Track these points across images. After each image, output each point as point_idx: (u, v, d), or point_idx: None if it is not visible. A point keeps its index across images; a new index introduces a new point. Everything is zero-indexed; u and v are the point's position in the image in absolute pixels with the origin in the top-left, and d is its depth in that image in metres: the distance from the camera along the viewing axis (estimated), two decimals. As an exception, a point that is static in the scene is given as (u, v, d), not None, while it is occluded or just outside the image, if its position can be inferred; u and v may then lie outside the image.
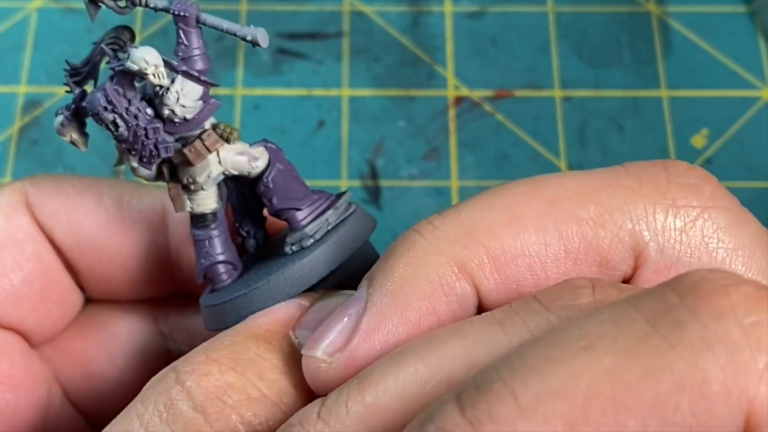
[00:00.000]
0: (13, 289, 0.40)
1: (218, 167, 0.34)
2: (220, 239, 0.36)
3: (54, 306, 0.42)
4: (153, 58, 0.32)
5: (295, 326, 0.32)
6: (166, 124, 0.33)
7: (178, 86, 0.32)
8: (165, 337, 0.45)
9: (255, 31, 0.32)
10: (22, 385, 0.40)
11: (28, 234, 0.41)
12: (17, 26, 0.65)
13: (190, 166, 0.34)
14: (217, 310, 0.35)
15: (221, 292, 0.36)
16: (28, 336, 0.42)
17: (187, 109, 0.33)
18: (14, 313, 0.40)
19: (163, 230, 0.42)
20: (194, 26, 0.33)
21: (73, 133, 0.36)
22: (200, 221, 0.36)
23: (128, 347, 0.44)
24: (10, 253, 0.40)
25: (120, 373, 0.44)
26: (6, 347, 0.40)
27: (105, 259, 0.41)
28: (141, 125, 0.33)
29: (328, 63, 0.64)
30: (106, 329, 0.44)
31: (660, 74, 0.63)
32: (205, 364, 0.30)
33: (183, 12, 0.32)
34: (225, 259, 0.36)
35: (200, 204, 0.36)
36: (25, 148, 0.61)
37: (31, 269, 0.41)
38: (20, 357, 0.41)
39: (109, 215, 0.41)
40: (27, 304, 0.41)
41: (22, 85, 0.63)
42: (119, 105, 0.33)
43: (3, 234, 0.40)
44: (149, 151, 0.34)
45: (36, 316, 0.41)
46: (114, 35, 0.35)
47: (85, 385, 0.44)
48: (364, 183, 0.60)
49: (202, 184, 0.35)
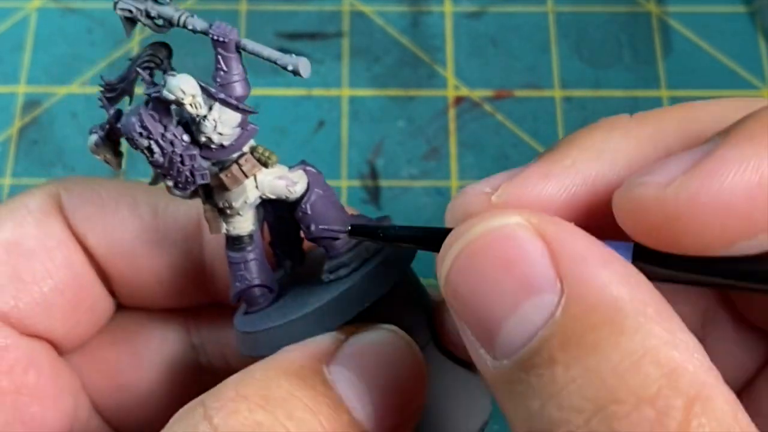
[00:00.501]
0: (43, 298, 0.39)
1: (255, 192, 0.33)
2: (256, 262, 0.35)
3: (84, 314, 0.41)
4: (190, 88, 0.30)
5: (329, 361, 0.31)
6: (203, 149, 0.32)
7: (216, 114, 0.31)
8: (196, 350, 0.44)
9: (296, 61, 0.31)
10: (49, 397, 0.40)
11: (59, 240, 0.40)
12: (17, 26, 0.65)
13: (227, 191, 0.33)
14: (251, 338, 0.34)
15: (256, 318, 0.35)
16: (57, 344, 0.41)
17: (225, 137, 0.32)
18: (44, 321, 0.40)
19: (198, 240, 0.41)
20: (234, 52, 0.31)
21: (107, 153, 0.34)
22: (236, 243, 0.35)
23: (159, 359, 0.43)
24: (40, 261, 0.39)
25: (149, 385, 0.43)
26: (34, 357, 0.40)
27: (138, 267, 0.41)
28: (177, 152, 0.32)
29: (328, 63, 0.64)
30: (137, 339, 0.43)
31: (660, 74, 0.63)
32: (235, 401, 0.29)
33: (222, 37, 0.31)
34: (260, 282, 0.35)
35: (236, 227, 0.34)
36: (25, 148, 0.61)
37: (62, 277, 0.40)
38: (48, 367, 0.40)
39: (144, 223, 0.40)
40: (57, 313, 0.40)
41: (22, 85, 0.63)
42: (154, 131, 0.32)
43: (33, 241, 0.39)
44: (185, 177, 0.33)
45: (66, 325, 0.40)
46: (151, 52, 0.33)
47: (114, 396, 0.43)
48: (364, 183, 0.60)
49: (238, 210, 0.34)
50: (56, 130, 0.62)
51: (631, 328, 0.24)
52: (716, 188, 0.26)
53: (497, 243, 0.26)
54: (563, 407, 0.24)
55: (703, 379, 0.24)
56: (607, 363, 0.24)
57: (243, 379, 0.31)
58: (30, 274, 0.39)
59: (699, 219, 0.26)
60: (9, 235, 0.39)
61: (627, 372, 0.24)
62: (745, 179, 0.26)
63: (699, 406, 0.23)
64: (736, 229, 0.26)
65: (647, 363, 0.24)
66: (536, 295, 0.25)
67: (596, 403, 0.24)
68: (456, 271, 0.27)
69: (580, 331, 0.24)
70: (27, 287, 0.39)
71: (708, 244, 0.26)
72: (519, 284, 0.26)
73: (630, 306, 0.25)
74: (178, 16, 0.32)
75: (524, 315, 0.25)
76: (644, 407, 0.23)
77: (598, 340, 0.24)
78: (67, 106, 0.62)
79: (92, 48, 0.64)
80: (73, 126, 0.62)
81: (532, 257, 0.26)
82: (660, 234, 0.26)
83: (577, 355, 0.24)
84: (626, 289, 0.25)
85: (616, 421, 0.23)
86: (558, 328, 0.25)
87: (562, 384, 0.24)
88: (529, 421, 0.25)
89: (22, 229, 0.39)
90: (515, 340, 0.25)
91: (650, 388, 0.23)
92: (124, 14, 0.32)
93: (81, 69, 0.63)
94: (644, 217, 0.26)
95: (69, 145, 0.61)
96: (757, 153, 0.26)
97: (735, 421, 0.24)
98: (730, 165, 0.26)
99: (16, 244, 0.39)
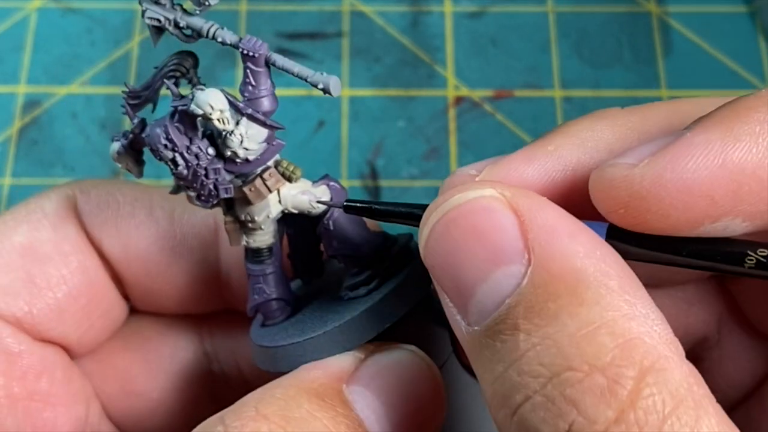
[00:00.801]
0: (57, 304, 0.39)
1: (278, 206, 0.33)
2: (275, 275, 0.35)
3: (98, 319, 0.41)
4: (219, 103, 0.30)
5: (349, 381, 0.31)
6: (227, 162, 0.32)
7: (243, 129, 0.31)
8: (209, 358, 0.44)
9: (327, 79, 0.30)
10: (61, 403, 0.40)
11: (74, 245, 0.40)
12: (17, 26, 0.65)
13: (249, 204, 0.33)
14: (270, 352, 0.34)
15: (274, 332, 0.35)
16: (70, 349, 0.41)
17: (251, 152, 0.32)
18: (57, 327, 0.39)
19: (214, 247, 0.40)
20: (263, 66, 0.31)
21: (129, 161, 0.34)
22: (256, 256, 0.35)
23: (170, 367, 0.43)
24: (55, 266, 0.39)
25: (161, 393, 0.43)
26: (47, 363, 0.40)
27: (153, 273, 0.40)
28: (202, 165, 0.32)
29: (328, 63, 0.64)
30: (150, 345, 0.43)
31: (660, 74, 0.63)
32: (255, 420, 0.29)
33: (253, 52, 0.31)
34: (278, 296, 0.35)
35: (257, 240, 0.34)
36: (25, 148, 0.61)
37: (76, 283, 0.40)
38: (61, 373, 0.40)
39: (159, 229, 0.40)
40: (70, 318, 0.40)
41: (22, 85, 0.63)
42: (180, 143, 0.31)
43: (49, 245, 0.39)
44: (208, 191, 0.32)
45: (79, 330, 0.40)
46: (177, 61, 0.32)
47: (125, 403, 0.43)
48: (364, 183, 0.60)
49: (260, 224, 0.33)
50: (56, 130, 0.62)
51: (591, 299, 0.25)
52: (680, 170, 0.26)
53: (471, 213, 0.27)
54: (523, 372, 0.25)
55: (661, 351, 0.25)
56: (565, 331, 0.25)
57: (263, 398, 0.30)
58: (44, 279, 0.39)
59: (664, 199, 0.27)
60: (24, 239, 0.39)
61: (583, 340, 0.25)
62: (708, 162, 0.26)
63: (652, 377, 0.24)
64: (701, 211, 0.27)
65: (603, 333, 0.25)
66: (506, 265, 0.26)
67: (552, 369, 0.25)
68: (433, 239, 0.28)
69: (543, 300, 0.25)
70: (41, 293, 0.39)
71: (674, 224, 0.27)
72: (490, 253, 0.27)
73: (592, 278, 0.25)
74: (208, 28, 0.31)
75: (494, 283, 0.26)
76: (596, 375, 0.24)
77: (559, 309, 0.25)
78: (67, 106, 0.62)
79: (92, 48, 0.64)
80: (73, 126, 0.62)
81: (502, 228, 0.27)
82: (628, 213, 0.27)
83: (539, 323, 0.25)
84: (591, 261, 0.26)
85: (569, 387, 0.24)
86: (523, 296, 0.26)
87: (523, 350, 0.25)
88: (494, 384, 0.26)
89: (37, 233, 0.39)
90: (486, 307, 0.27)
91: (604, 357, 0.24)
92: (153, 23, 0.31)
93: (81, 69, 0.63)
94: (614, 196, 0.27)
95: (69, 145, 0.61)
96: (722, 138, 0.26)
97: (689, 393, 0.24)
98: (694, 149, 0.26)
99: (32, 248, 0.39)
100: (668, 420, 0.24)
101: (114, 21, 0.65)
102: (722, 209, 0.27)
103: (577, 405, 0.24)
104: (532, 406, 0.25)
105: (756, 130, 0.26)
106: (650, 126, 0.31)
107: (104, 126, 0.61)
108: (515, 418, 0.25)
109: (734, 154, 0.26)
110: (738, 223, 0.27)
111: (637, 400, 0.24)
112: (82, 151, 0.61)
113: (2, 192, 0.60)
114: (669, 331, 0.26)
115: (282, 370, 0.32)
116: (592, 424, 0.24)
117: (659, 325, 0.26)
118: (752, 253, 0.27)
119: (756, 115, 0.27)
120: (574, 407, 0.24)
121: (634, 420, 0.24)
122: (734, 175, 0.26)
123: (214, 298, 0.42)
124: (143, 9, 0.31)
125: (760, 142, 0.26)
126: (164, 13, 0.31)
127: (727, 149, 0.26)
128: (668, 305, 0.37)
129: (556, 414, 0.24)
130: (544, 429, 0.25)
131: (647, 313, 0.26)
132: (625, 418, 0.24)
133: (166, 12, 0.31)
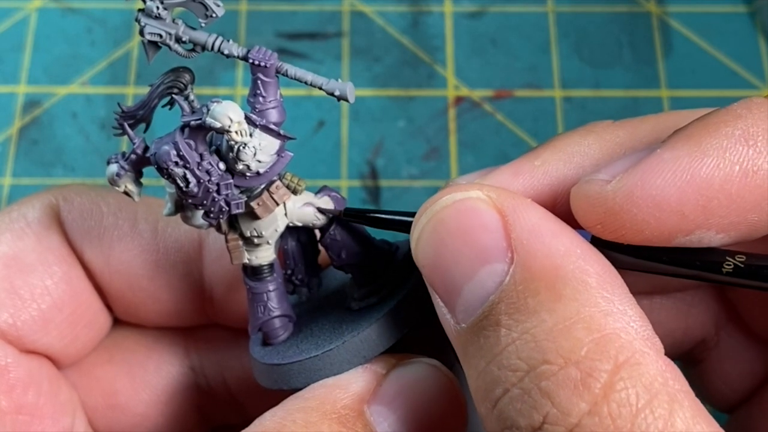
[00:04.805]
0: (42, 315, 0.39)
1: (285, 220, 0.33)
2: (277, 292, 0.34)
3: (83, 330, 0.41)
4: (237, 115, 0.29)
5: (370, 401, 0.31)
6: (236, 177, 0.31)
7: (257, 141, 0.30)
8: (195, 372, 0.43)
9: (343, 86, 0.30)
10: (48, 416, 0.39)
11: (58, 255, 0.39)
12: (17, 26, 0.65)
13: (255, 219, 0.32)
14: (282, 370, 0.33)
15: (283, 349, 0.34)
16: (55, 360, 0.41)
17: (262, 164, 0.31)
18: (42, 338, 0.39)
19: (198, 262, 0.40)
20: (273, 77, 0.30)
21: (128, 183, 0.32)
22: (257, 273, 0.34)
23: (155, 381, 0.43)
24: (39, 277, 0.39)
25: (145, 408, 0.42)
26: (34, 375, 0.39)
27: (135, 286, 0.40)
28: (213, 180, 0.31)
29: (328, 63, 0.64)
30: (134, 358, 0.43)
31: (660, 74, 0.63)
32: None
33: (263, 62, 0.30)
34: (281, 312, 0.34)
35: (259, 256, 0.34)
36: (25, 148, 0.61)
37: (60, 294, 0.39)
38: (48, 385, 0.40)
39: (143, 242, 0.39)
40: (55, 329, 0.39)
41: (22, 85, 0.63)
42: (191, 160, 0.30)
43: (33, 255, 0.39)
44: (219, 207, 0.31)
45: (64, 341, 0.40)
46: (173, 78, 0.31)
47: (109, 417, 0.42)
48: (364, 183, 0.60)
49: (267, 238, 0.33)
50: (56, 130, 0.62)
51: (568, 296, 0.26)
52: (649, 186, 0.27)
53: (457, 214, 0.28)
54: (502, 366, 0.26)
55: (636, 347, 0.25)
56: (543, 326, 0.26)
57: (284, 424, 0.30)
58: (28, 290, 0.39)
59: (636, 215, 0.27)
60: (7, 249, 0.38)
61: (560, 335, 0.25)
62: (676, 179, 0.27)
63: (626, 371, 0.25)
64: (673, 226, 0.27)
65: (579, 328, 0.25)
66: (490, 263, 0.27)
67: (529, 363, 0.26)
68: (423, 240, 0.29)
69: (524, 297, 0.26)
70: (25, 304, 0.38)
71: (648, 238, 0.28)
72: (475, 252, 0.27)
73: (571, 275, 0.26)
74: (213, 41, 0.31)
75: (479, 281, 0.27)
76: (571, 368, 0.25)
77: (538, 305, 0.26)
78: (67, 106, 0.62)
79: (92, 48, 0.64)
80: (73, 126, 0.62)
81: (487, 227, 0.27)
82: (605, 227, 0.28)
83: (519, 318, 0.26)
84: (570, 259, 0.27)
85: (544, 380, 0.25)
86: (505, 293, 0.27)
87: (503, 345, 0.26)
88: (477, 379, 0.27)
89: (21, 243, 0.39)
90: (471, 305, 0.27)
91: (579, 351, 0.25)
92: (153, 38, 0.30)
93: (81, 69, 0.63)
94: (591, 211, 0.28)
95: (69, 145, 0.61)
96: (689, 153, 0.27)
97: (664, 387, 0.25)
98: (663, 165, 0.27)
99: (15, 258, 0.38)
100: (641, 413, 0.24)
101: (114, 21, 0.65)
102: (693, 223, 0.27)
103: (551, 397, 0.25)
104: (510, 399, 0.26)
105: (723, 145, 0.27)
106: (638, 140, 0.31)
107: (104, 126, 0.61)
108: (495, 411, 0.26)
109: (701, 170, 0.27)
110: (712, 235, 0.28)
111: (610, 393, 0.25)
112: (82, 151, 0.61)
113: (2, 192, 0.60)
114: (647, 328, 0.26)
115: (297, 387, 0.32)
116: (565, 416, 0.25)
117: (636, 322, 0.26)
118: (730, 259, 0.28)
119: (725, 130, 0.27)
120: (549, 400, 0.25)
121: (607, 412, 0.24)
122: (702, 191, 0.27)
123: (197, 312, 0.41)
124: (141, 25, 0.30)
125: (727, 157, 0.27)
126: (165, 28, 0.30)
127: (694, 165, 0.27)
128: (669, 309, 0.38)
129: (531, 406, 0.25)
130: (520, 421, 0.25)
131: (625, 309, 0.26)
132: (598, 410, 0.24)
133: (167, 27, 0.30)
